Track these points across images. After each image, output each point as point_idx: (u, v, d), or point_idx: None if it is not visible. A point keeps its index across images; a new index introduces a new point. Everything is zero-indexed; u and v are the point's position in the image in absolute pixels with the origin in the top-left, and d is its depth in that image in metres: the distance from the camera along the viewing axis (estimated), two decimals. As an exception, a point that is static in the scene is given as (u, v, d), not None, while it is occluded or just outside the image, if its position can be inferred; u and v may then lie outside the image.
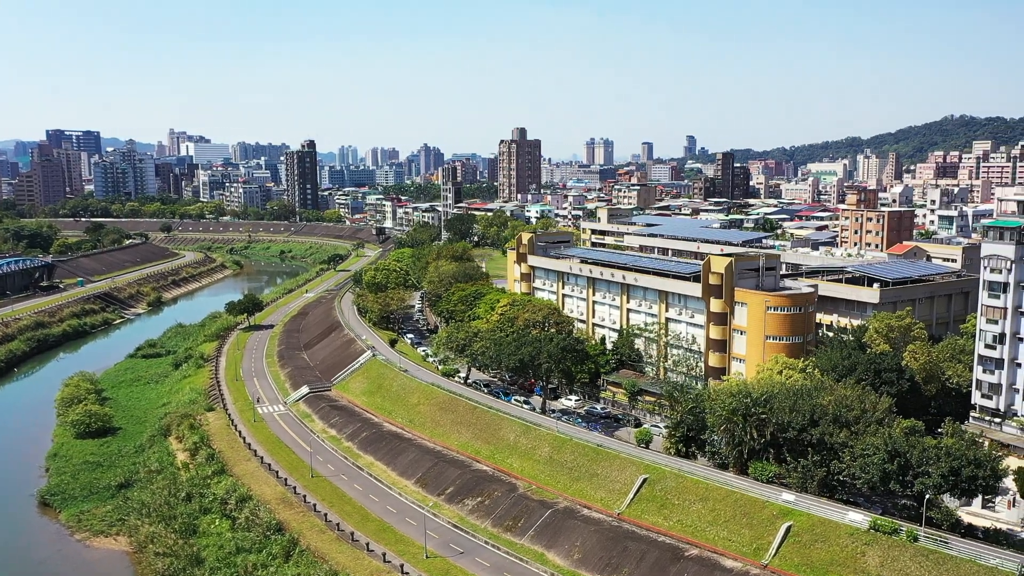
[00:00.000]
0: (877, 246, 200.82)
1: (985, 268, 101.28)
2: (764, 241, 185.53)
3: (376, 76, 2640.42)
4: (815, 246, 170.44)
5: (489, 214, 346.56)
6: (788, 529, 76.94)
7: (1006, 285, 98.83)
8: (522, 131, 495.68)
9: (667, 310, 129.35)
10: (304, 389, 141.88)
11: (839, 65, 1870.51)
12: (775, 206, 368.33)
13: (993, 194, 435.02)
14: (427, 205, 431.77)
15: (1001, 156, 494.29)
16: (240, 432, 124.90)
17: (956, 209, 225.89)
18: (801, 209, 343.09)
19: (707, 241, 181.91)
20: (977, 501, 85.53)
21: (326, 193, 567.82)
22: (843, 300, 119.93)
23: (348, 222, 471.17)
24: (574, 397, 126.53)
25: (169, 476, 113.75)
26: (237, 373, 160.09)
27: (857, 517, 76.05)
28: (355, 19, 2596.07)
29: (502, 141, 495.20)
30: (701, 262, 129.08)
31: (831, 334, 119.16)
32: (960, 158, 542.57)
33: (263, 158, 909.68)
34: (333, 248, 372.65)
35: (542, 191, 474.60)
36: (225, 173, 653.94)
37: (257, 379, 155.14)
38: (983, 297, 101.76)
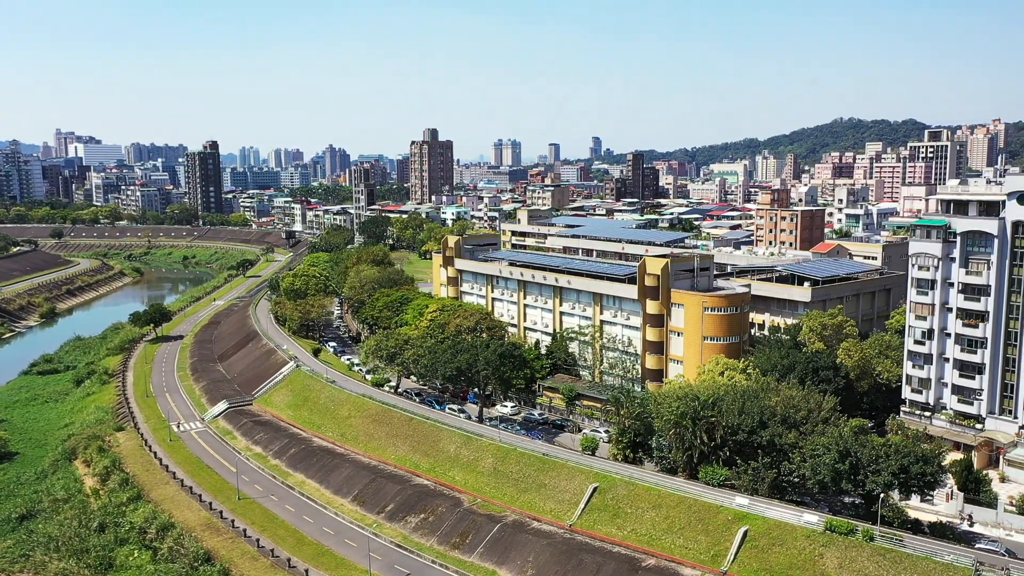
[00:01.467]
0: (791, 244, 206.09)
1: (913, 266, 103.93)
2: (686, 241, 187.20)
3: (278, 76, 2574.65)
4: (737, 245, 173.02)
5: (404, 216, 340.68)
6: (745, 534, 76.00)
7: (933, 282, 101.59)
8: (433, 132, 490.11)
9: (602, 312, 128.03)
10: (223, 404, 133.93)
11: (737, 68, 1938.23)
12: (686, 206, 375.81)
13: (887, 193, 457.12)
14: (338, 207, 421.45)
15: (891, 157, 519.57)
16: (155, 453, 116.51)
17: (862, 208, 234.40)
18: (711, 209, 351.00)
19: (631, 241, 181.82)
20: (915, 495, 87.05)
21: (230, 196, 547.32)
22: (774, 299, 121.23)
23: (255, 226, 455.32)
24: (509, 404, 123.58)
25: (78, 505, 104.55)
26: (147, 389, 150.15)
27: (812, 518, 75.80)
28: (253, 17, 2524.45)
29: (413, 142, 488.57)
30: (633, 263, 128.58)
31: (762, 333, 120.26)
32: (855, 159, 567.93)
33: (160, 160, 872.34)
34: (240, 253, 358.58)
35: (454, 192, 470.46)
36: (120, 175, 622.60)
37: (170, 394, 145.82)
38: (911, 294, 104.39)
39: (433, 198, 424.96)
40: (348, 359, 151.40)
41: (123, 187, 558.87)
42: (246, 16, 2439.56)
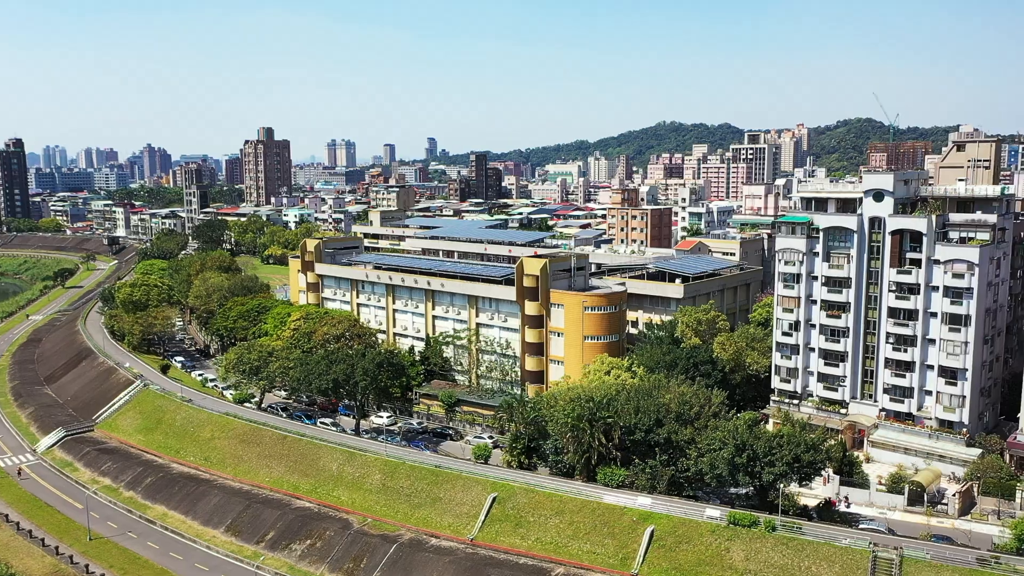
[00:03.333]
0: (643, 242, 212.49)
1: (779, 261, 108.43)
2: (546, 241, 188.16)
3: (85, 68, 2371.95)
4: (597, 244, 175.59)
5: (243, 220, 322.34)
6: (651, 534, 75.73)
7: (798, 276, 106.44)
8: (269, 131, 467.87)
9: (478, 315, 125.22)
10: (58, 433, 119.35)
11: (567, 72, 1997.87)
12: (532, 206, 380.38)
13: (714, 192, 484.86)
14: (167, 211, 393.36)
15: (716, 158, 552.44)
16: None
17: (703, 206, 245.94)
18: (558, 209, 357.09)
19: (492, 242, 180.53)
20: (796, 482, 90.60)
21: (37, 199, 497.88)
22: (647, 296, 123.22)
23: (69, 231, 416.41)
24: (385, 414, 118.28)
25: None
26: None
27: (715, 513, 76.70)
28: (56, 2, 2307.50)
29: (247, 141, 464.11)
30: (503, 264, 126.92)
31: (635, 331, 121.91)
32: (683, 160, 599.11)
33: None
34: (56, 262, 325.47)
35: (294, 194, 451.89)
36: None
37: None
38: (778, 288, 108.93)
39: (273, 200, 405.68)
40: (200, 375, 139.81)
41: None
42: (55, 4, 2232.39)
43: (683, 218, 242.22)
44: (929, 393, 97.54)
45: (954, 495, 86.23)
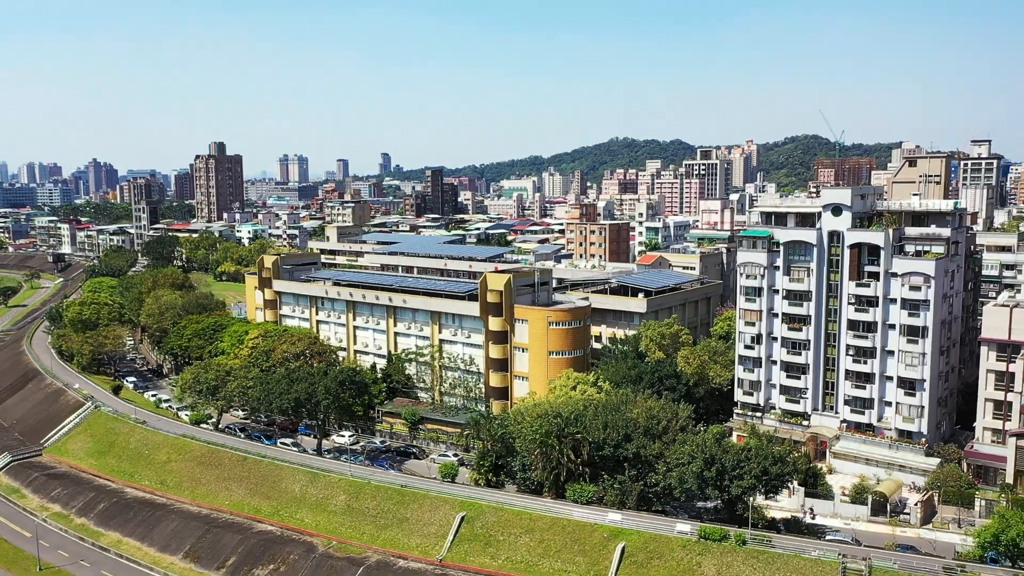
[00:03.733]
0: (601, 257, 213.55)
1: (741, 274, 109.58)
2: (505, 256, 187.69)
3: (25, 81, 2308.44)
4: (557, 259, 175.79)
5: (195, 236, 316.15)
6: (623, 550, 75.27)
7: (760, 289, 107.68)
8: (221, 145, 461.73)
9: (441, 331, 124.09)
10: (4, 458, 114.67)
11: (520, 87, 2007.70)
12: (489, 221, 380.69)
13: (667, 206, 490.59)
14: (115, 227, 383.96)
15: (669, 174, 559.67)
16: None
17: (660, 221, 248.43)
18: (515, 224, 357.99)
19: (452, 257, 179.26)
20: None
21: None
22: (610, 311, 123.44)
23: (11, 248, 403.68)
24: (347, 433, 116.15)
25: None
26: None
27: (685, 528, 76.64)
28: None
29: (198, 156, 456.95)
30: (466, 280, 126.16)
31: (599, 345, 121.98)
32: (637, 175, 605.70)
33: None
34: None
35: (246, 210, 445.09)
36: None
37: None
38: (740, 301, 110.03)
39: (226, 216, 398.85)
40: (154, 395, 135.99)
41: None
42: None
43: (640, 232, 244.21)
44: (889, 404, 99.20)
45: (916, 504, 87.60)
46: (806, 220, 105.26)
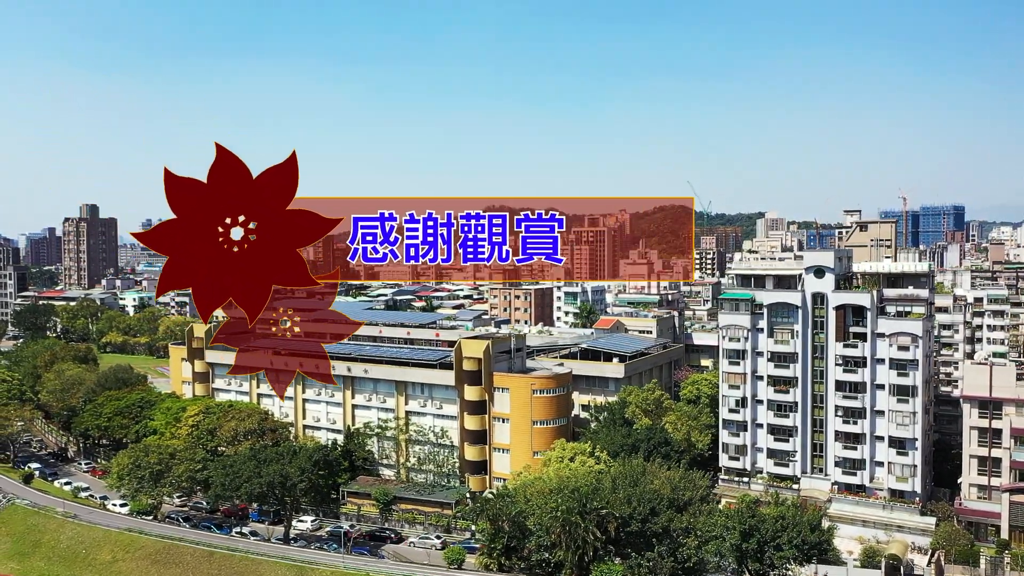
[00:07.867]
0: (527, 322, 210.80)
1: (723, 337, 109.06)
2: (439, 322, 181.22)
3: None
4: (497, 324, 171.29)
5: (72, 304, 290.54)
6: (672, 635, 70.17)
7: (744, 352, 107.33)
8: (93, 208, 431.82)
9: (407, 403, 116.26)
10: None
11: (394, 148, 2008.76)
12: (388, 288, 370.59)
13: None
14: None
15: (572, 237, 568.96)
16: None
17: (578, 286, 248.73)
18: (419, 289, 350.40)
19: (388, 324, 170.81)
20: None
21: None
22: (584, 377, 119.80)
23: None
24: (308, 518, 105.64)
25: None
26: None
27: (731, 606, 72.55)
28: None
29: (67, 219, 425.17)
30: (437, 347, 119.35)
31: (582, 414, 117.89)
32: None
33: None
34: None
35: (124, 276, 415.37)
36: None
37: None
38: (724, 364, 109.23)
39: (104, 283, 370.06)
40: (68, 483, 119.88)
41: None
42: None
43: (559, 297, 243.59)
44: (880, 464, 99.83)
45: (928, 566, 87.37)
46: (783, 282, 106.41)
